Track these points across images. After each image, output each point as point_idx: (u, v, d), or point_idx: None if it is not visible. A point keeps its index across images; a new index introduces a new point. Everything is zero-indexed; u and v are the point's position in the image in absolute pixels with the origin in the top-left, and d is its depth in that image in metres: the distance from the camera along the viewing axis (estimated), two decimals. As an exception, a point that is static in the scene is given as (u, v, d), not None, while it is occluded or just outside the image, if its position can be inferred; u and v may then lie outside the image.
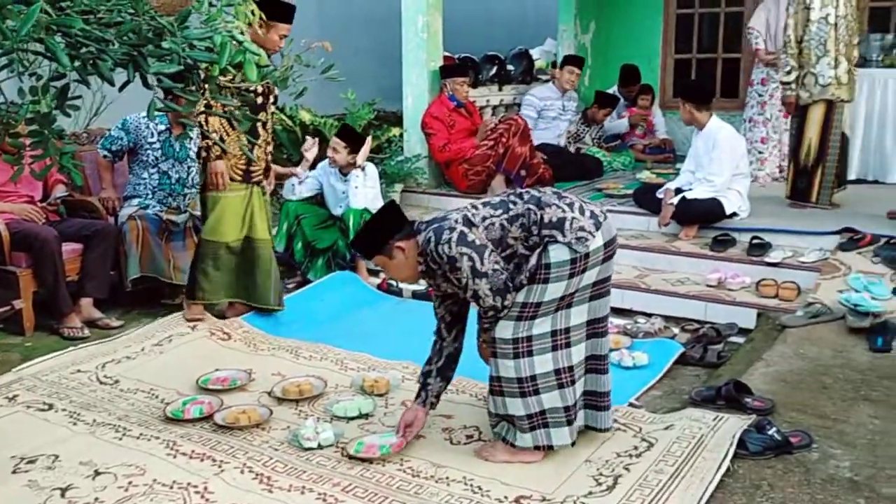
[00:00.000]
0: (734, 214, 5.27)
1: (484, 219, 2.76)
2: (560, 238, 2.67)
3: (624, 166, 7.35)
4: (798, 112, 5.45)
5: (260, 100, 4.17)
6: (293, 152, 6.18)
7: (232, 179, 4.21)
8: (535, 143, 6.54)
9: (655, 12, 8.28)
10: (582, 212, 2.73)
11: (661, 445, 2.96)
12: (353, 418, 3.26)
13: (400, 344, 4.13)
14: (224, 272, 4.32)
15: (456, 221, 2.74)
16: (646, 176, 6.74)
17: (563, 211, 2.71)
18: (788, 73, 5.36)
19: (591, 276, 2.77)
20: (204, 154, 4.15)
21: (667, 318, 4.55)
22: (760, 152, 6.58)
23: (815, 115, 5.40)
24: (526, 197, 2.81)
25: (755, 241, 4.96)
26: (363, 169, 5.24)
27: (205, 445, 3.04)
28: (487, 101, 7.14)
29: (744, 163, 5.33)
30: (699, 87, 5.49)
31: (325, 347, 4.07)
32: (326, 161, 5.34)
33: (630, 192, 6.01)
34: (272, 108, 4.38)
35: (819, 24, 5.26)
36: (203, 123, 4.00)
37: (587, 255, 2.70)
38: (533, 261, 2.71)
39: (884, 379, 3.45)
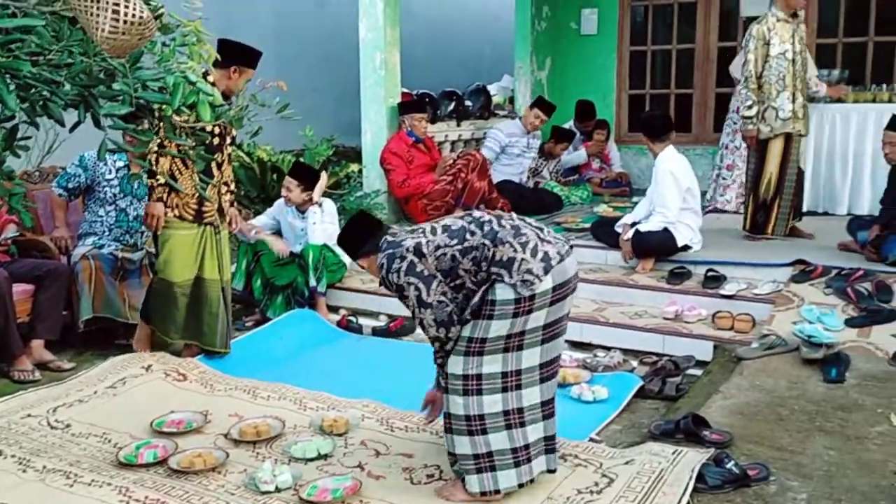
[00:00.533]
0: (687, 247, 5.34)
1: (437, 248, 2.76)
2: (506, 279, 2.67)
3: (582, 200, 7.44)
4: (758, 146, 5.57)
5: (217, 140, 4.16)
6: (251, 188, 6.15)
7: (183, 219, 4.20)
8: (498, 179, 6.60)
9: (609, 49, 8.45)
10: (534, 253, 2.70)
11: (622, 481, 2.96)
12: (311, 459, 3.21)
13: (360, 382, 4.09)
14: (176, 312, 4.28)
15: (407, 250, 2.76)
16: (603, 209, 6.83)
17: (515, 251, 2.70)
18: (750, 107, 5.47)
19: (539, 318, 2.75)
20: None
21: (626, 352, 4.58)
22: (724, 178, 6.71)
23: (775, 149, 5.53)
24: (486, 228, 2.78)
25: (710, 274, 5.03)
26: (320, 205, 5.22)
27: (159, 491, 2.96)
28: (446, 136, 7.20)
29: (690, 196, 5.38)
30: (649, 119, 5.60)
31: (283, 387, 4.01)
32: (283, 199, 5.31)
33: (588, 225, 6.07)
34: (229, 149, 4.37)
35: (778, 60, 5.41)
36: (153, 163, 3.99)
37: (532, 297, 2.69)
38: (478, 297, 2.72)
39: (838, 410, 3.50)
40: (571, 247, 2.88)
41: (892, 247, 4.78)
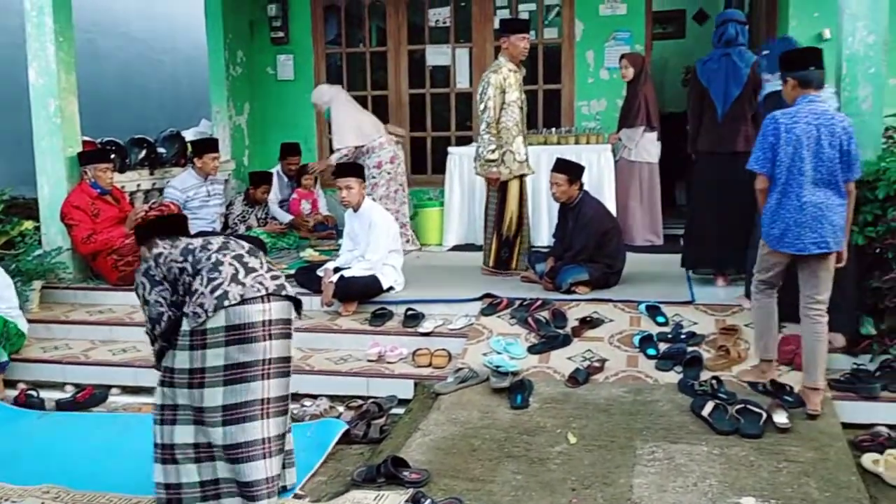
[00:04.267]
0: (391, 288, 5.51)
1: (168, 259, 3.03)
2: (186, 308, 2.94)
3: (288, 245, 7.40)
4: (499, 188, 5.88)
5: None
6: None
7: None
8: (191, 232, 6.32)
9: (308, 96, 8.53)
10: (214, 290, 2.90)
11: (324, 536, 2.94)
12: (-27, 566, 2.83)
13: (41, 465, 3.71)
14: None
15: (152, 256, 3.07)
16: (309, 254, 6.83)
17: (201, 284, 2.92)
18: (493, 150, 5.77)
19: (217, 357, 2.89)
20: None
21: (332, 398, 4.60)
22: None
23: (514, 190, 5.92)
24: (198, 255, 3.01)
25: (410, 313, 5.22)
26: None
27: None
28: (138, 185, 6.79)
29: (396, 240, 5.62)
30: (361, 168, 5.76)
31: (-59, 484, 3.50)
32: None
33: (293, 272, 6.03)
34: None
35: (512, 107, 5.81)
36: None
37: (203, 332, 2.89)
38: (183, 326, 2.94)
39: (523, 434, 3.77)
40: (285, 296, 3.05)
41: (565, 276, 5.28)
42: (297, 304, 3.15)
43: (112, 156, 6.22)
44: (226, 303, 2.85)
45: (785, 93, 4.02)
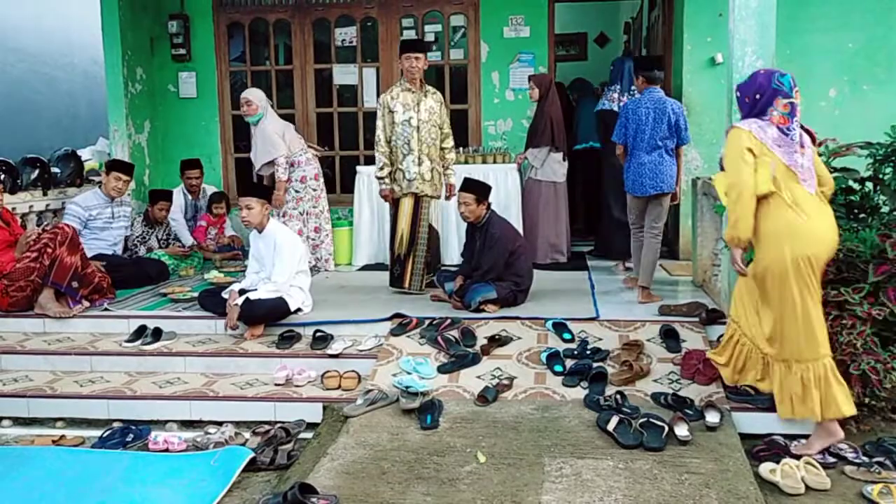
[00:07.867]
0: (298, 310, 5.43)
1: None
2: None
3: (194, 266, 7.18)
4: (394, 205, 5.96)
5: None
6: None
7: None
8: (89, 255, 6.07)
9: (211, 113, 8.38)
10: None
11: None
12: None
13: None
14: None
15: None
16: (214, 276, 6.65)
17: None
18: (381, 168, 5.86)
19: None
20: None
21: (238, 424, 4.47)
22: (313, 240, 6.98)
23: (406, 208, 5.94)
24: None
25: (318, 335, 5.14)
26: None
27: None
28: (31, 207, 6.50)
29: (303, 260, 5.54)
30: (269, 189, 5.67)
31: None
32: None
33: (197, 294, 5.87)
34: None
35: (403, 127, 5.83)
36: None
37: None
38: None
39: (433, 455, 3.75)
40: None
41: (473, 295, 5.31)
42: None
43: (2, 176, 5.93)
44: None
45: (637, 85, 5.77)
